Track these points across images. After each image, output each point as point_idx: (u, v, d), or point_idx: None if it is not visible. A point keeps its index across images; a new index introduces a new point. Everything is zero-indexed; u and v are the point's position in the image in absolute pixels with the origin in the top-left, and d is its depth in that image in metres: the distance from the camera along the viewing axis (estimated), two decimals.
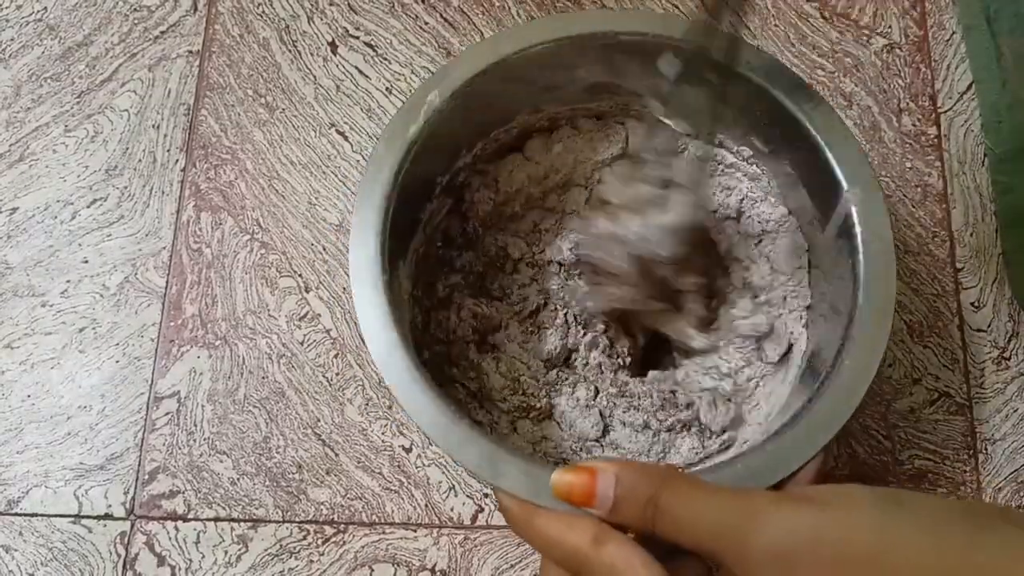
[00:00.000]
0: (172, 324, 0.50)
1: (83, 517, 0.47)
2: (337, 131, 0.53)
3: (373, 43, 0.55)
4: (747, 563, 0.24)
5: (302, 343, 0.49)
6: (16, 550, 0.46)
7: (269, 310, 0.50)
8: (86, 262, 0.51)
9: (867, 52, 0.54)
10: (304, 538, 0.46)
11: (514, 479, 0.30)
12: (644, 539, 0.27)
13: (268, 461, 0.47)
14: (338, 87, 0.54)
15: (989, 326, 0.49)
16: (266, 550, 0.46)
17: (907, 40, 0.54)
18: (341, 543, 0.46)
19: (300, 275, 0.50)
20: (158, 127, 0.53)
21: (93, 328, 0.50)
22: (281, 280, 0.50)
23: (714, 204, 0.44)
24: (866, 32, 0.55)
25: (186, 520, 0.46)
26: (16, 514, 0.47)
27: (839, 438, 0.39)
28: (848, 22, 0.55)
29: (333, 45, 0.55)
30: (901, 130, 0.52)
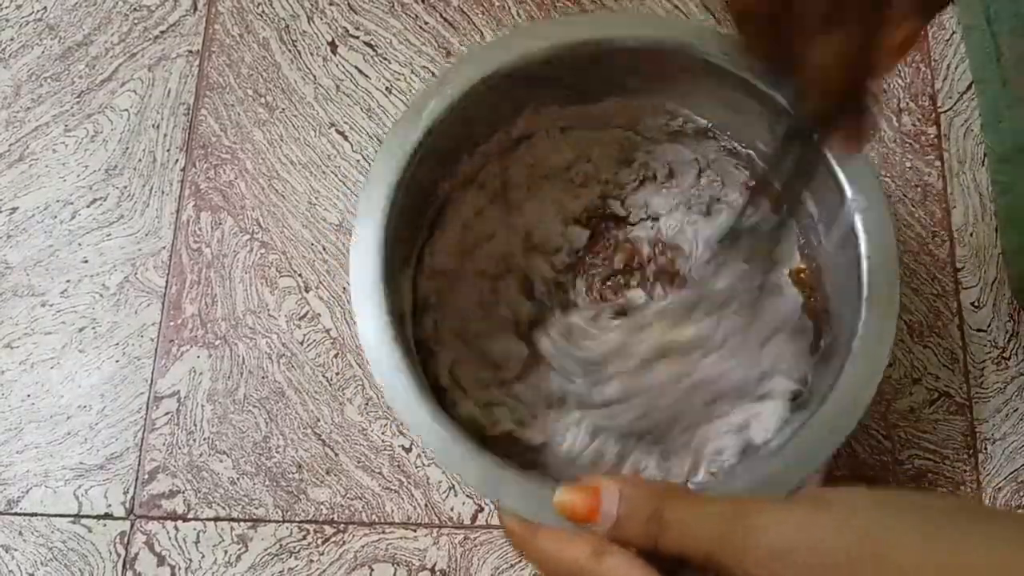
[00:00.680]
0: (172, 324, 0.50)
1: (83, 517, 0.47)
2: (337, 131, 0.53)
3: (373, 43, 0.55)
4: (746, 563, 0.24)
5: (302, 343, 0.49)
6: (16, 550, 0.46)
7: (269, 310, 0.50)
8: (86, 262, 0.51)
9: None
10: (304, 538, 0.46)
11: (515, 497, 0.30)
12: (645, 557, 0.27)
13: (268, 461, 0.47)
14: (338, 87, 0.54)
15: (989, 326, 0.49)
16: (266, 550, 0.46)
17: None
18: (341, 543, 0.46)
19: (300, 275, 0.50)
20: (158, 127, 0.53)
21: (93, 328, 0.50)
22: (281, 280, 0.50)
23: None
24: None
25: (186, 520, 0.46)
26: (16, 514, 0.47)
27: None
28: None
29: (333, 45, 0.55)
30: (901, 130, 0.52)
